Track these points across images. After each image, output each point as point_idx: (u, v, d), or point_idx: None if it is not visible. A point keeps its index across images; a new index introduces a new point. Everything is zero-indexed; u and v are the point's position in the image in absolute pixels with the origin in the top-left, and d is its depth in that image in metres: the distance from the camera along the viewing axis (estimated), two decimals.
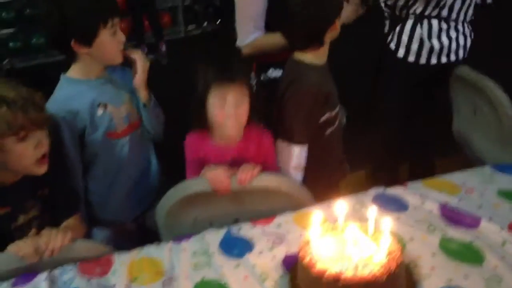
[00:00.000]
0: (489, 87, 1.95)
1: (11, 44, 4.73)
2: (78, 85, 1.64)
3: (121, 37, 1.60)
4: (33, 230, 1.43)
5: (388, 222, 1.20)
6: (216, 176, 1.53)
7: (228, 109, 1.47)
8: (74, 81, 1.65)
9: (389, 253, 1.18)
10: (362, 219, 1.35)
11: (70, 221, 1.50)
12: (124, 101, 1.71)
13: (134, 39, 5.19)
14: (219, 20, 5.47)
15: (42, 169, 1.39)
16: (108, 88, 1.68)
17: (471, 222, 1.43)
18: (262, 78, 2.03)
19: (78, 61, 1.62)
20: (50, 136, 1.40)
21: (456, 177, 1.66)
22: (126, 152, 1.73)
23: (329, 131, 1.78)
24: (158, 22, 5.07)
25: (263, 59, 1.99)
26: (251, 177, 1.52)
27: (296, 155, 1.69)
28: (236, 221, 1.59)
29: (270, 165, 1.64)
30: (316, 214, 1.24)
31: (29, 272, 1.31)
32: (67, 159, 1.60)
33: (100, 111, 1.65)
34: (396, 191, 1.60)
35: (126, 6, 5.01)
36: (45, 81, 1.63)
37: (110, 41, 1.57)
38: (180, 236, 1.44)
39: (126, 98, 1.72)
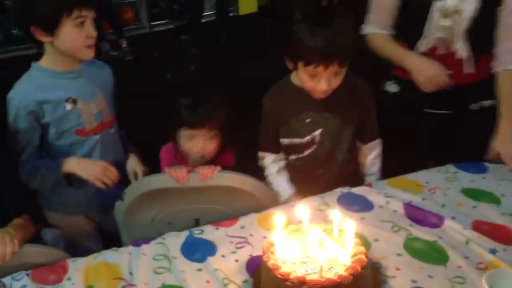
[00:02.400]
0: None
1: None
2: (47, 76, 1.57)
3: (90, 31, 1.50)
4: None
5: (351, 224, 1.17)
6: (176, 171, 1.50)
7: (195, 146, 1.58)
8: (44, 70, 1.57)
9: (354, 255, 1.16)
10: (328, 220, 1.34)
11: (18, 221, 1.41)
12: (96, 98, 1.64)
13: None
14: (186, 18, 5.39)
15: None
16: (80, 82, 1.60)
17: (434, 221, 1.43)
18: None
19: (46, 52, 1.56)
20: None
21: (420, 176, 1.66)
22: (97, 151, 1.65)
23: (293, 157, 1.73)
24: (115, 20, 4.96)
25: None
26: (212, 172, 1.50)
27: (263, 161, 1.71)
28: (196, 221, 1.55)
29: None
30: (278, 216, 1.21)
31: None
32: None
33: (68, 106, 1.58)
34: (361, 190, 1.59)
35: None
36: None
37: (75, 33, 1.49)
38: (139, 241, 1.38)
39: (99, 95, 1.65)
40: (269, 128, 1.69)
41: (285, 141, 1.69)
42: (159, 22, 5.55)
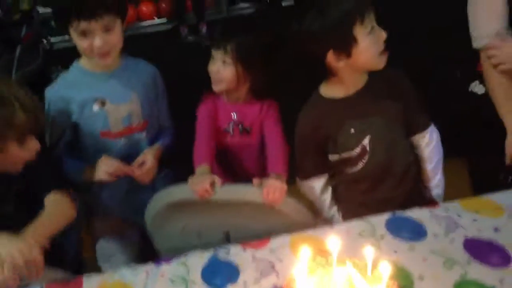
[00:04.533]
0: None
1: (52, 23, 4.73)
2: (80, 75, 1.57)
3: (95, 42, 1.45)
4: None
5: (386, 267, 1.00)
6: (198, 185, 1.40)
7: (212, 69, 1.56)
8: (80, 69, 1.58)
9: None
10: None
11: (57, 197, 1.39)
12: (128, 101, 1.59)
13: (174, 19, 5.10)
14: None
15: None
16: (111, 83, 1.58)
17: (500, 259, 1.21)
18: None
19: None
20: None
21: (503, 197, 1.42)
22: (122, 155, 1.60)
23: (347, 173, 1.55)
24: (201, 2, 4.92)
25: None
26: (280, 197, 1.40)
27: (308, 189, 1.57)
28: (227, 234, 1.46)
29: (267, 128, 1.60)
30: (304, 249, 1.07)
31: None
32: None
33: (95, 107, 1.56)
34: (416, 213, 1.39)
35: None
36: None
37: (80, 41, 1.46)
38: (162, 258, 1.30)
39: (132, 98, 1.60)
40: (311, 150, 1.52)
41: (334, 157, 1.52)
42: (237, 6, 5.46)
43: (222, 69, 1.53)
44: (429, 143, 1.58)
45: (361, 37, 1.35)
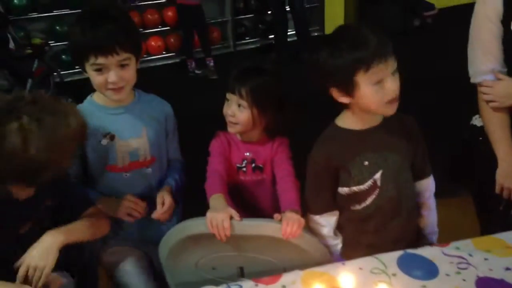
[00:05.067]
0: None
1: (63, 57, 4.83)
2: (94, 108, 1.61)
3: (110, 77, 1.48)
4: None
5: None
6: (218, 226, 1.39)
7: (229, 109, 1.58)
8: (93, 103, 1.63)
9: None
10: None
11: (94, 211, 1.49)
12: (137, 136, 1.61)
13: (182, 53, 5.21)
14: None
15: None
16: (122, 119, 1.61)
17: None
18: None
19: None
20: None
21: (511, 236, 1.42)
22: (126, 189, 1.61)
23: (356, 207, 1.53)
24: (207, 38, 5.04)
25: None
26: (298, 230, 1.39)
27: (317, 225, 1.54)
28: (241, 269, 1.46)
29: (278, 165, 1.60)
30: (316, 287, 1.07)
31: None
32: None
33: (104, 141, 1.59)
34: (428, 252, 1.39)
35: (176, 21, 5.03)
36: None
37: (95, 76, 1.50)
38: None
39: (142, 133, 1.62)
40: (323, 185, 1.51)
41: (344, 190, 1.51)
42: (244, 41, 5.58)
43: (237, 113, 1.56)
44: (430, 191, 1.60)
45: (364, 84, 1.36)
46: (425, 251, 1.39)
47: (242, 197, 1.64)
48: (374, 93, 1.36)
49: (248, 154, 1.62)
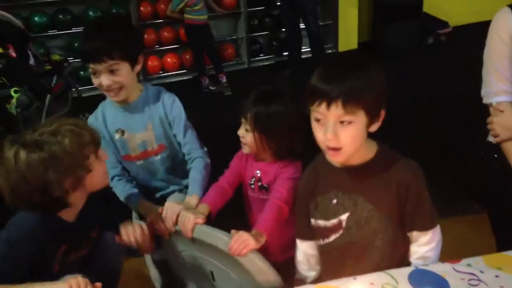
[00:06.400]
0: None
1: (81, 73, 4.93)
2: (109, 106, 1.86)
3: (102, 81, 1.69)
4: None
5: None
6: (183, 217, 1.57)
7: (239, 133, 1.67)
8: (111, 102, 1.84)
9: None
10: None
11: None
12: (142, 129, 1.82)
13: (195, 71, 5.28)
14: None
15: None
16: (129, 115, 1.83)
17: None
18: None
19: None
20: None
21: None
22: (141, 175, 1.91)
23: (320, 242, 1.50)
24: (217, 56, 5.11)
25: None
26: (244, 250, 1.43)
27: (297, 250, 1.56)
28: (211, 273, 1.62)
29: (274, 186, 1.63)
30: None
31: None
32: None
33: (117, 136, 1.84)
34: (439, 268, 1.39)
35: (186, 40, 5.10)
36: None
37: (94, 79, 1.71)
38: None
39: (148, 126, 1.83)
40: (299, 210, 1.53)
41: (312, 220, 1.49)
42: (258, 58, 5.64)
43: (245, 135, 1.64)
44: (427, 244, 1.43)
45: (312, 116, 1.32)
46: (436, 267, 1.40)
47: (252, 211, 1.70)
48: (316, 129, 1.33)
49: (258, 172, 1.69)
